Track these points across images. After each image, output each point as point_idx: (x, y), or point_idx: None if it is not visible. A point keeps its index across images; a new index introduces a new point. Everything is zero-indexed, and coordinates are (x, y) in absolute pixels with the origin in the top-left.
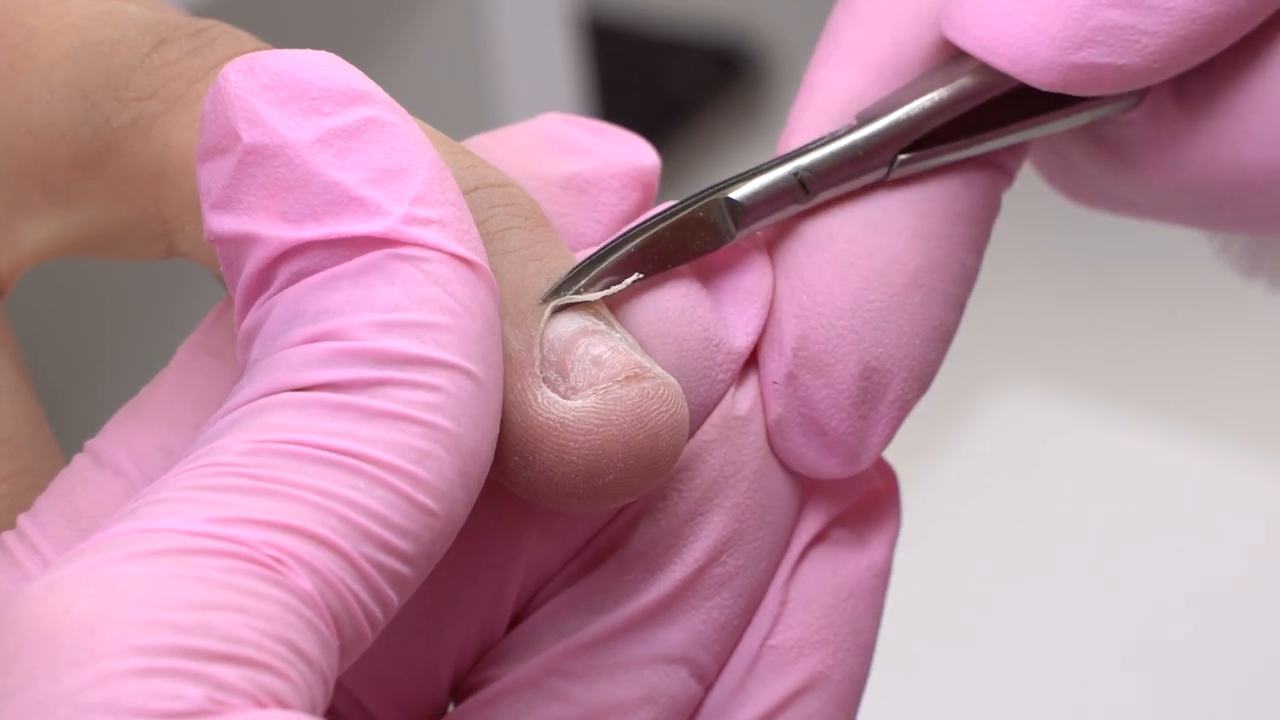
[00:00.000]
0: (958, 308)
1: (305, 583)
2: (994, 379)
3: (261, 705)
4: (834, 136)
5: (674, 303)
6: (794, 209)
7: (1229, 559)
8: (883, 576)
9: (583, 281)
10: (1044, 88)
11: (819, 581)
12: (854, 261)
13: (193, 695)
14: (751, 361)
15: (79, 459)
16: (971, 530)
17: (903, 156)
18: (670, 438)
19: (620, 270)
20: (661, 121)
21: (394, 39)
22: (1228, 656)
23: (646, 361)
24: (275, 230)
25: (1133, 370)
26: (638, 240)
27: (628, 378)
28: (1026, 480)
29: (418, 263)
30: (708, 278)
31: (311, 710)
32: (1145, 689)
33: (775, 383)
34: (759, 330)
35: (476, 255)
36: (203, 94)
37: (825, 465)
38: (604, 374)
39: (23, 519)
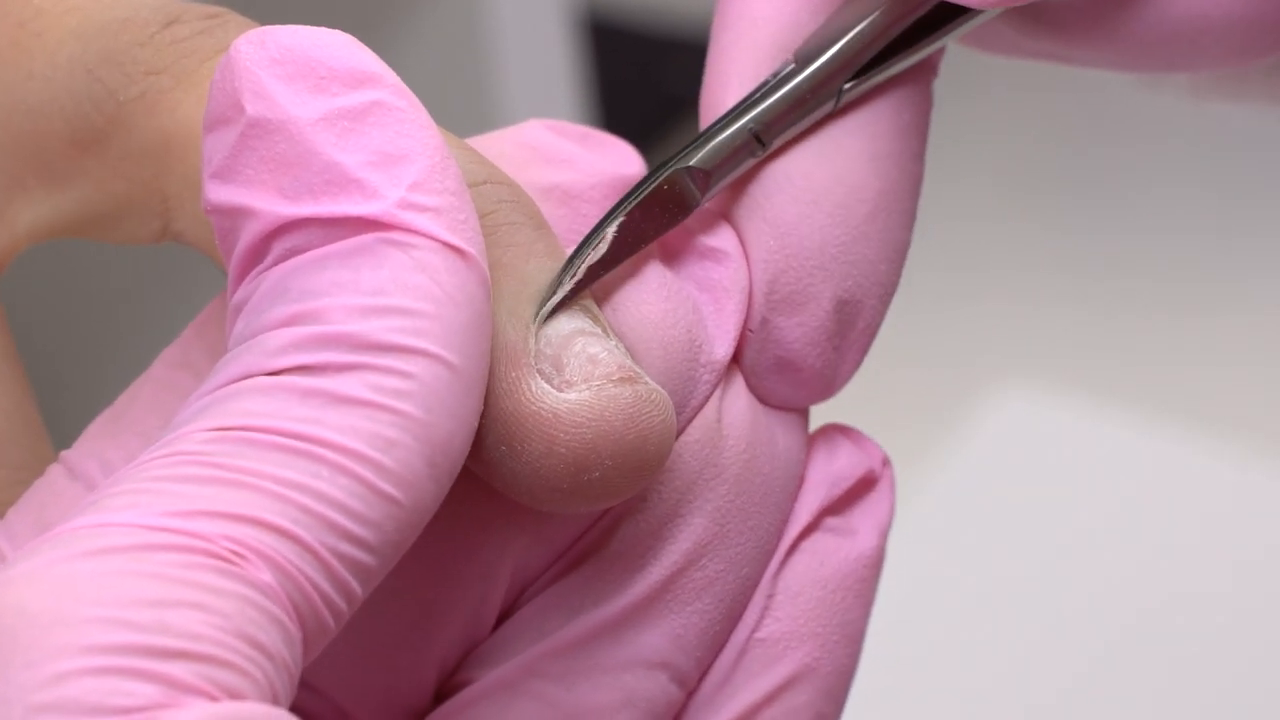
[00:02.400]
0: (912, 223)
1: (265, 575)
2: (994, 379)
3: (215, 700)
4: (778, 80)
5: (656, 305)
6: (751, 162)
7: (1230, 558)
8: (873, 566)
9: (567, 276)
10: (995, 7)
11: (807, 574)
12: (815, 199)
13: (145, 692)
14: (734, 362)
15: (53, 469)
16: (971, 530)
17: (847, 85)
18: (659, 441)
19: (600, 263)
20: (660, 119)
21: (393, 35)
22: (1228, 656)
23: (638, 370)
24: (271, 205)
25: (1133, 370)
26: (609, 227)
27: (622, 378)
28: (1026, 480)
29: (408, 249)
30: (683, 270)
31: (273, 703)
32: (1145, 688)
33: (750, 330)
34: (740, 326)
35: (470, 246)
36: (213, 72)
37: (798, 398)
38: (599, 371)
39: None
